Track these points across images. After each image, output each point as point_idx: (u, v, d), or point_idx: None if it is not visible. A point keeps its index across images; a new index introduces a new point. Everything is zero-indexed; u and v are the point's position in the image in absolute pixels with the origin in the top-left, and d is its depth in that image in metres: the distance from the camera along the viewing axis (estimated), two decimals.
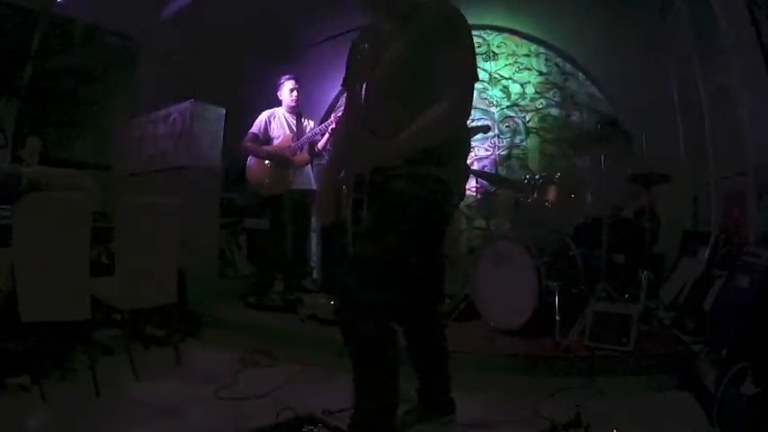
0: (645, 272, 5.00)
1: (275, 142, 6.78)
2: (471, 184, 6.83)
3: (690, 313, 4.67)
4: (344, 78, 3.49)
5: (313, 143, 6.81)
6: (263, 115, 6.89)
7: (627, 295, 5.07)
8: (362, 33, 3.37)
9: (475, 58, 3.03)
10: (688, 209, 6.50)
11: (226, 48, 8.21)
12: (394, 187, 2.92)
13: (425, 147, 2.86)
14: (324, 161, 6.98)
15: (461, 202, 3.41)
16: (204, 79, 7.88)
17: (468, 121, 3.20)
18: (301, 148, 6.76)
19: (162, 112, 7.30)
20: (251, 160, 6.82)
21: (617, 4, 6.88)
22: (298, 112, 6.98)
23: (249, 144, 6.78)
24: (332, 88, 9.07)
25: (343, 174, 3.36)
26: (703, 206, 6.13)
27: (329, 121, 6.66)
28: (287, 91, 6.88)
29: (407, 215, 2.91)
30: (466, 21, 2.97)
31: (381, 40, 3.14)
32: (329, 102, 9.12)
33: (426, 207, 2.96)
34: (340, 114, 3.75)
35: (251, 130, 6.81)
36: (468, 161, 5.44)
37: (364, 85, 3.17)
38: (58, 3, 7.30)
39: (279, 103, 6.96)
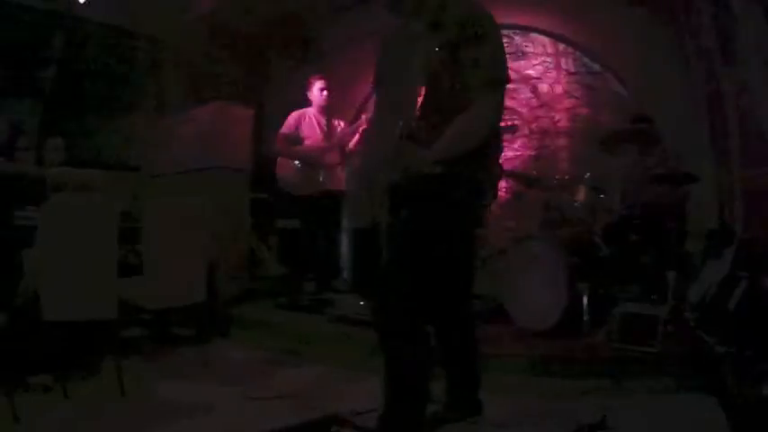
0: (671, 272, 4.96)
1: (306, 143, 6.75)
2: (501, 184, 6.80)
3: (714, 314, 4.63)
4: (375, 79, 3.50)
5: (343, 144, 6.80)
6: (294, 115, 6.85)
7: (654, 296, 5.04)
8: (392, 34, 3.39)
9: (506, 61, 3.03)
10: (715, 208, 6.44)
11: (254, 48, 8.25)
12: (429, 189, 2.94)
13: (458, 154, 2.87)
14: (354, 161, 6.98)
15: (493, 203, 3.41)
16: (232, 80, 7.92)
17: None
18: (332, 149, 6.75)
19: (190, 113, 7.33)
20: (281, 161, 6.79)
21: (644, 1, 6.84)
22: (328, 112, 6.97)
23: (280, 144, 6.75)
24: (360, 88, 9.06)
25: (377, 176, 3.37)
26: (730, 205, 6.07)
27: (359, 121, 6.66)
28: (317, 90, 6.82)
29: (443, 216, 2.95)
30: (497, 23, 3.00)
31: (412, 42, 3.15)
32: (358, 102, 9.11)
33: (461, 208, 3.02)
34: (371, 115, 3.75)
35: (281, 131, 6.77)
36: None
37: (398, 88, 3.18)
38: (81, 3, 7.35)
39: (308, 104, 6.95)
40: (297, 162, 6.67)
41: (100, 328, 4.45)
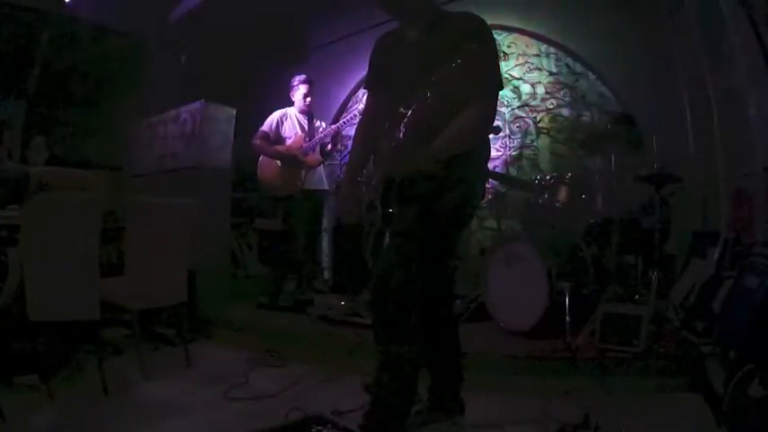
0: (655, 273, 4.98)
1: (287, 142, 6.76)
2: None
3: (699, 314, 4.65)
4: (368, 80, 3.58)
5: (324, 144, 6.79)
6: (275, 115, 6.87)
7: (637, 296, 5.06)
8: (387, 37, 3.49)
9: (500, 67, 3.11)
10: (699, 209, 6.47)
11: (236, 48, 8.23)
12: (424, 191, 3.00)
13: (456, 153, 2.95)
14: (335, 161, 7.00)
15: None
16: (215, 79, 7.90)
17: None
18: (313, 149, 6.74)
19: (172, 113, 7.32)
20: (262, 160, 6.80)
21: (627, 3, 6.86)
22: (310, 112, 6.95)
23: (259, 143, 6.75)
24: (342, 88, 9.07)
25: (366, 173, 3.41)
26: (714, 207, 6.09)
27: (340, 122, 6.66)
28: (300, 95, 6.84)
29: (438, 218, 3.02)
30: (491, 30, 3.11)
31: (408, 46, 3.26)
32: (340, 102, 9.12)
33: (454, 208, 3.09)
34: (361, 114, 3.80)
35: (262, 129, 6.79)
36: None
37: (393, 91, 3.21)
38: (67, 3, 7.32)
39: (290, 103, 6.94)
40: (278, 162, 6.66)
41: (83, 329, 4.44)
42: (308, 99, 6.85)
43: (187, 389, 4.34)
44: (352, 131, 7.50)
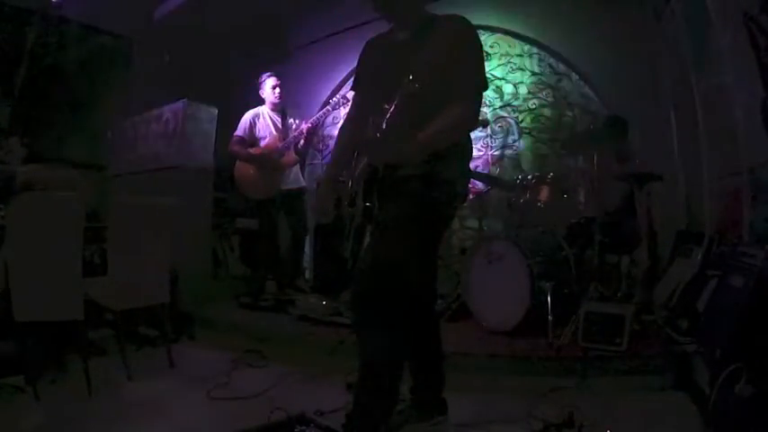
0: (638, 272, 5.00)
1: (262, 143, 6.74)
2: None
3: (683, 313, 4.66)
4: (356, 80, 3.64)
5: (297, 142, 6.77)
6: (247, 116, 6.85)
7: (620, 295, 5.07)
8: (376, 39, 3.51)
9: (485, 68, 3.17)
10: (682, 209, 6.49)
11: (219, 47, 8.21)
12: (408, 188, 3.02)
13: (438, 148, 2.97)
14: (317, 161, 6.98)
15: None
16: (197, 79, 7.88)
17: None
18: (288, 148, 6.73)
19: (155, 112, 7.29)
20: (239, 164, 6.78)
21: (611, 3, 6.88)
22: (282, 109, 6.93)
23: (236, 148, 6.73)
24: (322, 88, 9.06)
25: (347, 174, 3.41)
26: (698, 206, 6.12)
27: (313, 118, 6.64)
28: (269, 88, 6.82)
29: (422, 216, 3.02)
30: (477, 33, 3.15)
31: (397, 47, 3.27)
32: (322, 101, 9.10)
33: (437, 208, 3.10)
34: (347, 114, 3.81)
35: (236, 133, 6.77)
36: None
37: (381, 91, 3.20)
38: (53, 2, 7.30)
39: (263, 103, 6.94)
40: (254, 165, 6.65)
41: (68, 329, 4.41)
42: (277, 90, 6.82)
43: (170, 389, 4.32)
44: (332, 131, 7.57)
